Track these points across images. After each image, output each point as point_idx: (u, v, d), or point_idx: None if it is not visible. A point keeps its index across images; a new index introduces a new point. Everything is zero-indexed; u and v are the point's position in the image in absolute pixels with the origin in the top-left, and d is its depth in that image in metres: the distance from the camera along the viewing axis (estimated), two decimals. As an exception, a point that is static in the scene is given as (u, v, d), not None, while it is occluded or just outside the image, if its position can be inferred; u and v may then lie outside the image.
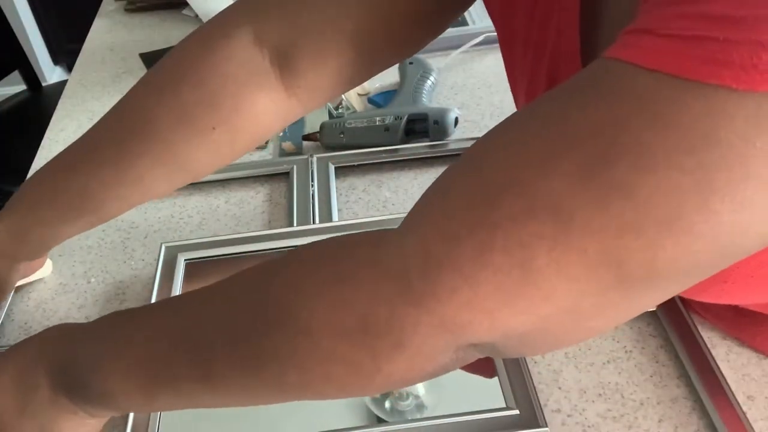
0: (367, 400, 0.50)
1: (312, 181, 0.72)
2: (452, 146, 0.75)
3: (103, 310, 0.62)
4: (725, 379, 0.50)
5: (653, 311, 0.55)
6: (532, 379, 0.50)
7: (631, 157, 0.26)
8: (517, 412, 0.48)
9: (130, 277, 0.65)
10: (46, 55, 2.50)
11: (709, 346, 0.53)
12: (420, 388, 0.50)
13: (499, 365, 0.50)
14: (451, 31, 0.97)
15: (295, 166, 0.74)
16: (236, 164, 0.76)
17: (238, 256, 0.62)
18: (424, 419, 0.48)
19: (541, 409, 0.48)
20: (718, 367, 0.51)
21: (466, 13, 1.02)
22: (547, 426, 0.47)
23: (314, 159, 0.75)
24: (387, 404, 0.50)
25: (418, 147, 0.76)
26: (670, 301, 0.55)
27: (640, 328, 0.55)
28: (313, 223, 0.66)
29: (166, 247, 0.62)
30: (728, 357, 0.53)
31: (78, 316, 0.62)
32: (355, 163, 0.75)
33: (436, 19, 0.51)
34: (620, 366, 0.53)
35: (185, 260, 0.62)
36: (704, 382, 0.50)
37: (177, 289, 0.59)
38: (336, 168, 0.74)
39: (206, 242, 0.63)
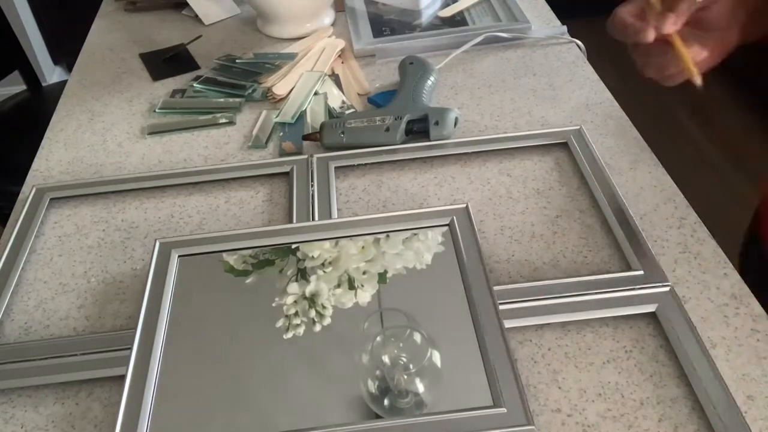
0: (366, 398, 0.50)
1: (312, 181, 0.72)
2: (452, 146, 0.75)
3: (103, 310, 0.62)
4: (725, 379, 0.50)
5: (653, 311, 0.55)
6: (519, 378, 0.50)
7: None
8: (504, 410, 0.48)
9: (130, 277, 0.65)
10: (46, 55, 2.50)
11: (708, 346, 0.53)
12: (419, 386, 0.50)
13: (488, 363, 0.50)
14: (451, 31, 0.97)
15: (295, 166, 0.74)
16: (236, 164, 0.76)
17: (230, 251, 0.62)
18: (418, 416, 0.48)
19: (529, 407, 0.48)
20: (718, 368, 0.51)
21: (465, 13, 1.02)
22: (533, 425, 0.47)
23: (314, 159, 0.75)
24: (386, 402, 0.50)
25: (418, 147, 0.76)
26: (669, 300, 0.56)
27: (640, 328, 0.56)
28: (312, 221, 0.66)
29: (161, 243, 0.63)
30: (728, 357, 0.53)
31: (78, 316, 0.62)
32: (355, 163, 0.75)
33: None
34: (620, 366, 0.53)
35: (179, 256, 0.62)
36: (704, 382, 0.50)
37: (170, 285, 0.59)
38: (336, 168, 0.75)
39: (199, 238, 0.64)
